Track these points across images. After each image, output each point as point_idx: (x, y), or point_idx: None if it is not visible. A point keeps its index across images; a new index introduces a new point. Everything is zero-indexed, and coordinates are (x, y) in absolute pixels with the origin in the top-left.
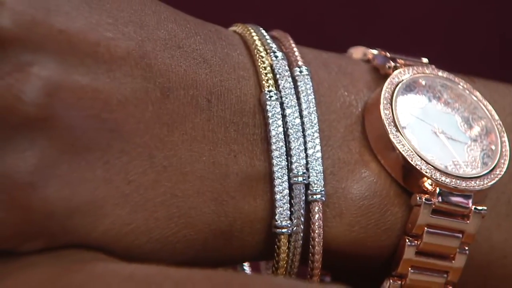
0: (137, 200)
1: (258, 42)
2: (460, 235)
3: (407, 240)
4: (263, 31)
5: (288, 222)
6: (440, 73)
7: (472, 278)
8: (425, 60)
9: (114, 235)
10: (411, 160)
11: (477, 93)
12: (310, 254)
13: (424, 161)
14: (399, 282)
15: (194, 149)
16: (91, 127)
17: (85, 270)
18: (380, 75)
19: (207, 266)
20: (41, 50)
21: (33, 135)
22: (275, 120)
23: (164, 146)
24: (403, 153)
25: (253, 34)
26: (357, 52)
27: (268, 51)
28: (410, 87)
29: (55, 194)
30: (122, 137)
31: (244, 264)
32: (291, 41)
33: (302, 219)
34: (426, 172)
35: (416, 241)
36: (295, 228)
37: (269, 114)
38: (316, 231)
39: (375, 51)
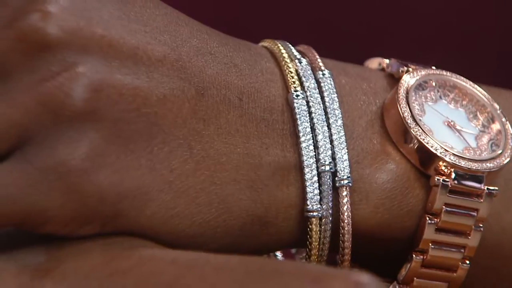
0: (180, 186)
1: (283, 51)
2: (475, 214)
3: (427, 218)
4: (288, 43)
5: (318, 206)
6: (448, 74)
7: (485, 258)
8: (433, 68)
9: (159, 218)
10: (428, 145)
11: (482, 90)
12: (341, 235)
13: (440, 146)
14: (421, 257)
15: (229, 142)
16: (134, 120)
17: (133, 256)
18: (395, 79)
19: (244, 253)
20: (85, 52)
21: (83, 127)
22: (302, 116)
23: (201, 138)
24: (420, 139)
25: (279, 45)
26: (372, 63)
27: (293, 58)
28: (422, 86)
29: (106, 180)
30: (163, 130)
31: (277, 253)
32: (314, 52)
33: (331, 204)
34: (442, 156)
35: (435, 219)
36: (324, 212)
37: (297, 111)
38: (345, 214)
39: (388, 60)
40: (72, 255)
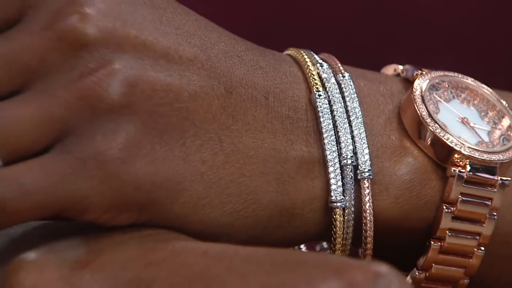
0: (211, 177)
1: (306, 57)
2: (489, 203)
3: (444, 207)
4: (310, 51)
5: (342, 197)
6: (459, 76)
7: (498, 246)
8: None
9: (192, 207)
10: (444, 139)
11: (490, 89)
12: (363, 225)
13: (455, 139)
14: (439, 243)
15: (256, 137)
16: (167, 114)
17: (167, 248)
18: (410, 83)
19: (272, 245)
20: (121, 50)
21: (120, 120)
22: (325, 113)
23: (230, 133)
24: (436, 133)
25: (302, 52)
26: (388, 69)
27: (315, 63)
28: (436, 87)
29: (142, 169)
30: (194, 124)
31: (301, 246)
32: (335, 59)
33: (353, 196)
34: (457, 148)
35: (452, 208)
36: (347, 203)
37: (319, 109)
38: (367, 204)
39: (401, 67)
40: (109, 247)
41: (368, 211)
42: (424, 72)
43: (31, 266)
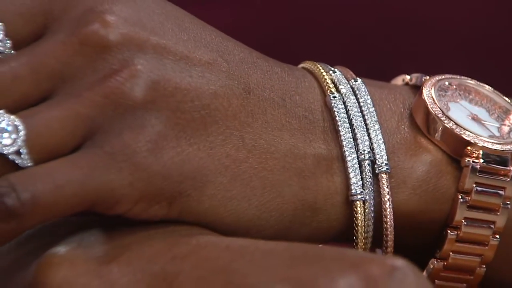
0: (235, 170)
1: (319, 66)
2: (503, 192)
3: (459, 197)
4: (323, 63)
5: (362, 190)
6: (468, 79)
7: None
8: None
9: (219, 200)
10: (457, 132)
11: (491, 89)
12: (383, 217)
13: (467, 132)
14: (455, 232)
15: (275, 134)
16: (189, 110)
17: (191, 242)
18: (419, 88)
19: (297, 241)
20: (142, 52)
21: (145, 116)
22: (340, 113)
23: (251, 129)
24: (449, 127)
25: (315, 63)
26: (396, 80)
27: (327, 71)
28: (445, 89)
29: (169, 160)
30: (216, 121)
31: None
32: (347, 68)
33: (372, 189)
34: (470, 140)
35: (467, 197)
36: (367, 196)
37: (335, 109)
38: (386, 197)
39: (409, 76)
40: (135, 242)
41: (387, 204)
42: (432, 77)
43: (62, 260)
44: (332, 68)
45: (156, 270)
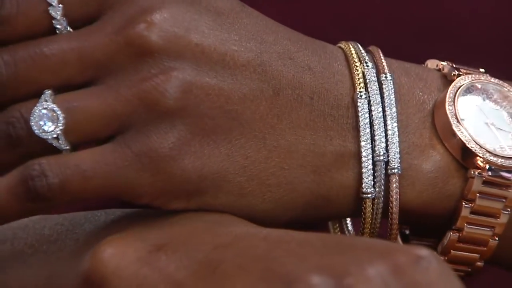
0: (253, 171)
1: (354, 55)
2: (504, 200)
3: (463, 203)
4: (359, 46)
5: (372, 189)
6: (492, 79)
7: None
8: (482, 70)
9: (235, 195)
10: (468, 144)
11: None
12: (390, 213)
13: (478, 144)
14: (458, 234)
15: (298, 134)
16: (217, 116)
17: (232, 233)
18: (447, 80)
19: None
20: (181, 58)
21: (173, 121)
22: (364, 113)
23: (274, 131)
24: (462, 138)
25: (351, 48)
26: (431, 63)
27: (362, 61)
28: (469, 89)
29: (190, 165)
30: (241, 124)
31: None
32: (381, 54)
33: (383, 187)
34: (479, 153)
35: (470, 204)
36: (377, 194)
37: (359, 109)
38: (394, 196)
39: (444, 63)
40: (181, 233)
41: (394, 203)
42: (461, 73)
43: (114, 248)
44: (366, 58)
45: (201, 258)
